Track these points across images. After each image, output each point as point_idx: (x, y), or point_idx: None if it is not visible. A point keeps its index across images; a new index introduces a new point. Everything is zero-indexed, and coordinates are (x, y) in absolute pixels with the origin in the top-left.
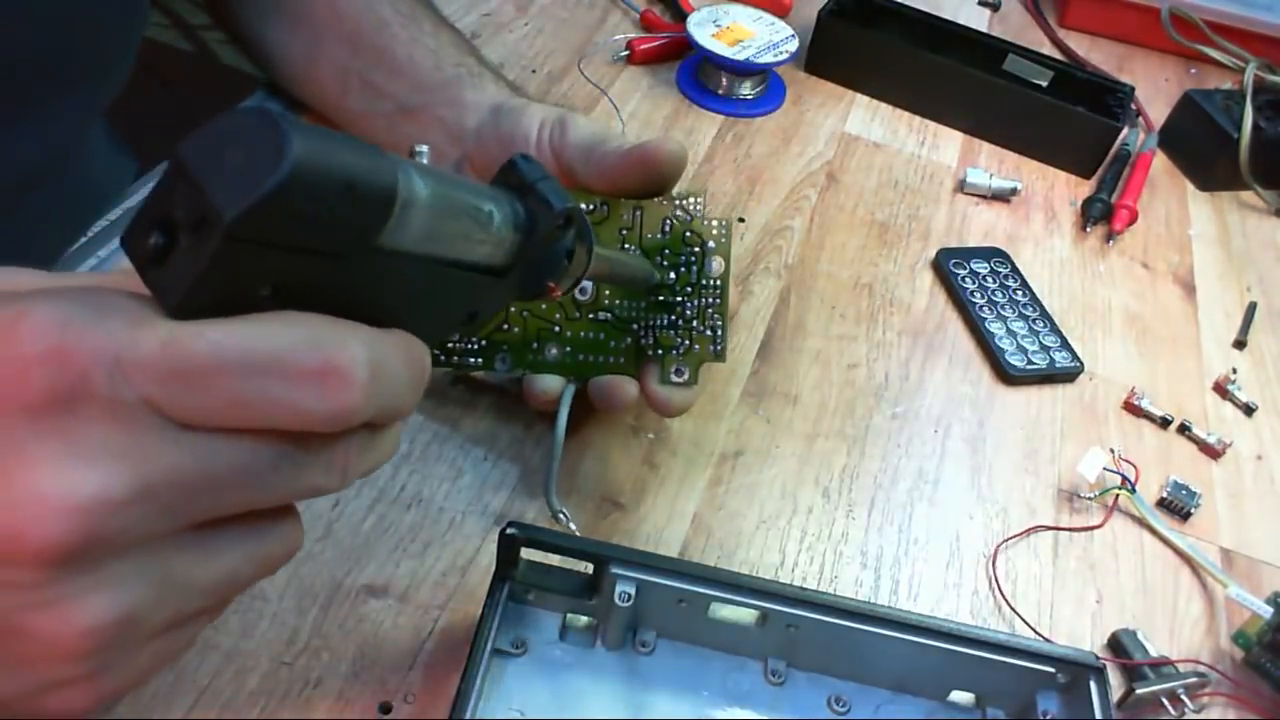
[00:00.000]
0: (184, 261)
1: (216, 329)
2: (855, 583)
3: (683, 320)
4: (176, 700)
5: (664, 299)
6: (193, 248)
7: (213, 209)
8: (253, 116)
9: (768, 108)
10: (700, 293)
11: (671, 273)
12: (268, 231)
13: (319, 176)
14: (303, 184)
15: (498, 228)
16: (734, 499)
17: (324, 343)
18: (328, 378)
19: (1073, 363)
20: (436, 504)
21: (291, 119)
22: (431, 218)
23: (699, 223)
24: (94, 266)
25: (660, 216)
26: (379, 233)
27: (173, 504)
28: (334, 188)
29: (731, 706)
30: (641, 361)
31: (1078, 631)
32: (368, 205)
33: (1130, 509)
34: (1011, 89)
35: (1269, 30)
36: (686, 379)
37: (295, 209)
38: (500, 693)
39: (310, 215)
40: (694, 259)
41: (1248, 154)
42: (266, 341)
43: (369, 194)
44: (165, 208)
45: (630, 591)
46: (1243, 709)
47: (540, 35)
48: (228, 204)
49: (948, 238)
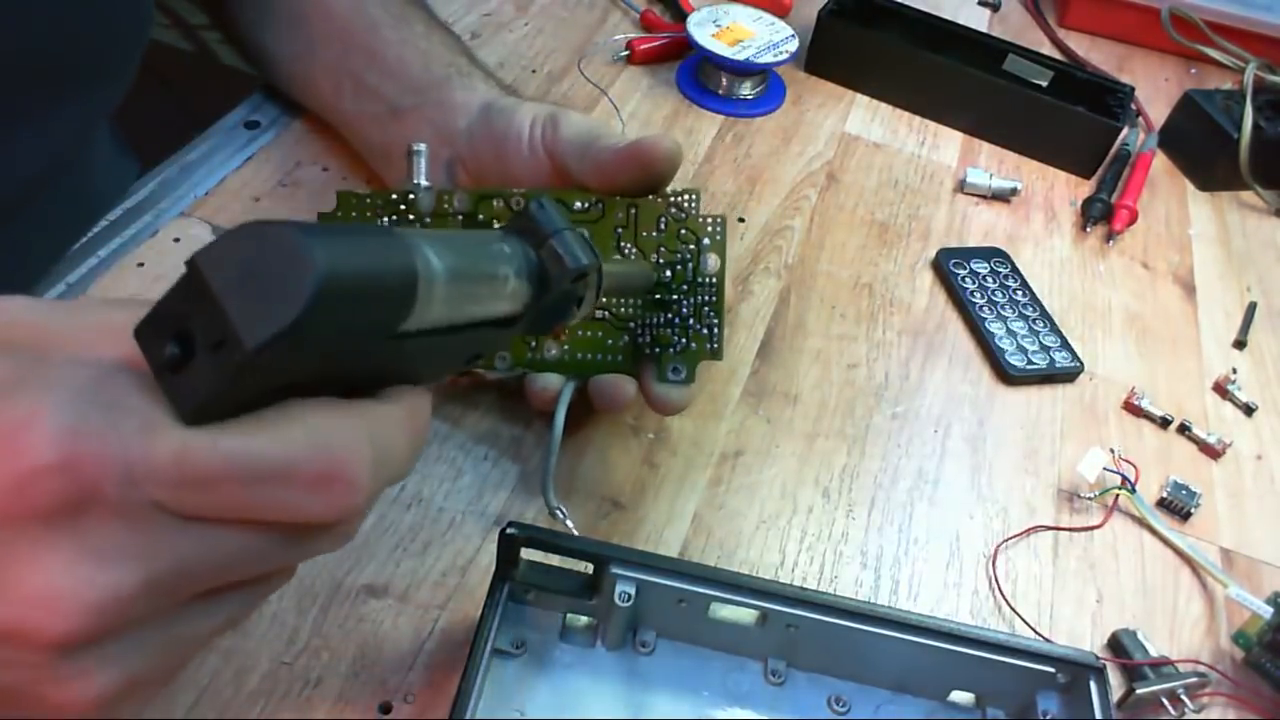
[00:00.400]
0: (201, 376)
1: (228, 439)
2: (855, 583)
3: (679, 319)
4: (177, 700)
5: (660, 297)
6: (211, 366)
7: (234, 336)
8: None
9: (768, 108)
10: (696, 290)
11: (667, 271)
12: (289, 355)
13: (343, 294)
14: (326, 307)
15: (512, 286)
16: (734, 499)
17: (330, 447)
18: (333, 484)
19: (1073, 363)
20: (436, 504)
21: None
22: (448, 295)
23: (694, 220)
24: (94, 266)
25: (655, 214)
26: (400, 325)
27: (178, 588)
28: (357, 301)
29: (731, 706)
30: (639, 360)
31: (1078, 631)
32: (390, 306)
33: (1130, 509)
34: (1011, 89)
35: (1269, 30)
36: (684, 377)
37: (319, 331)
38: (500, 693)
39: (333, 331)
40: (689, 257)
41: (1248, 154)
42: (275, 450)
43: (391, 295)
44: (183, 318)
45: (630, 591)
46: (1243, 709)
47: (540, 35)
48: (249, 334)
49: (948, 238)
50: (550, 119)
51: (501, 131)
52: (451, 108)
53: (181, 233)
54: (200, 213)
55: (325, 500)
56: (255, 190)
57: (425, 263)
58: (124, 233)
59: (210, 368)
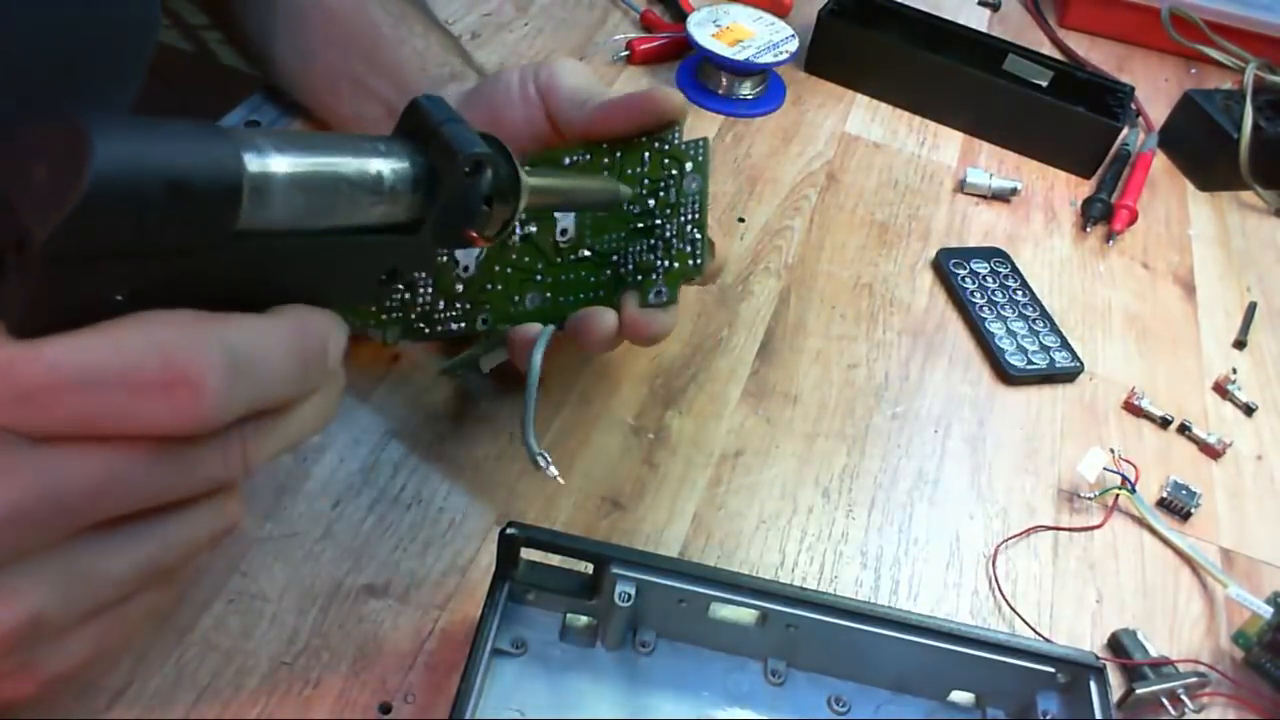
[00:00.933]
0: (15, 282)
1: (55, 346)
2: (855, 583)
3: (661, 241)
4: (177, 700)
5: (644, 225)
6: (20, 268)
7: (26, 231)
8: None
9: (768, 108)
10: (679, 211)
11: (650, 199)
12: (92, 245)
13: (133, 181)
14: (114, 193)
15: (391, 186)
16: (734, 499)
17: (171, 350)
18: (174, 388)
19: (1073, 363)
20: (436, 504)
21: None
22: (299, 194)
23: (675, 148)
24: None
25: (640, 152)
26: (231, 224)
27: (49, 517)
28: (156, 189)
29: (731, 706)
30: (620, 290)
31: (1078, 631)
32: (207, 200)
33: (1130, 509)
34: (1011, 89)
35: (1269, 30)
36: (666, 298)
37: (114, 219)
38: (500, 693)
39: (135, 221)
40: (672, 181)
41: (1248, 154)
42: (107, 356)
43: (205, 188)
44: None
45: (630, 591)
46: (1243, 709)
47: (540, 35)
48: (38, 226)
49: (948, 238)
50: (542, 68)
51: (489, 97)
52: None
53: None
54: None
55: (171, 406)
56: None
57: (261, 160)
58: None
59: (18, 271)
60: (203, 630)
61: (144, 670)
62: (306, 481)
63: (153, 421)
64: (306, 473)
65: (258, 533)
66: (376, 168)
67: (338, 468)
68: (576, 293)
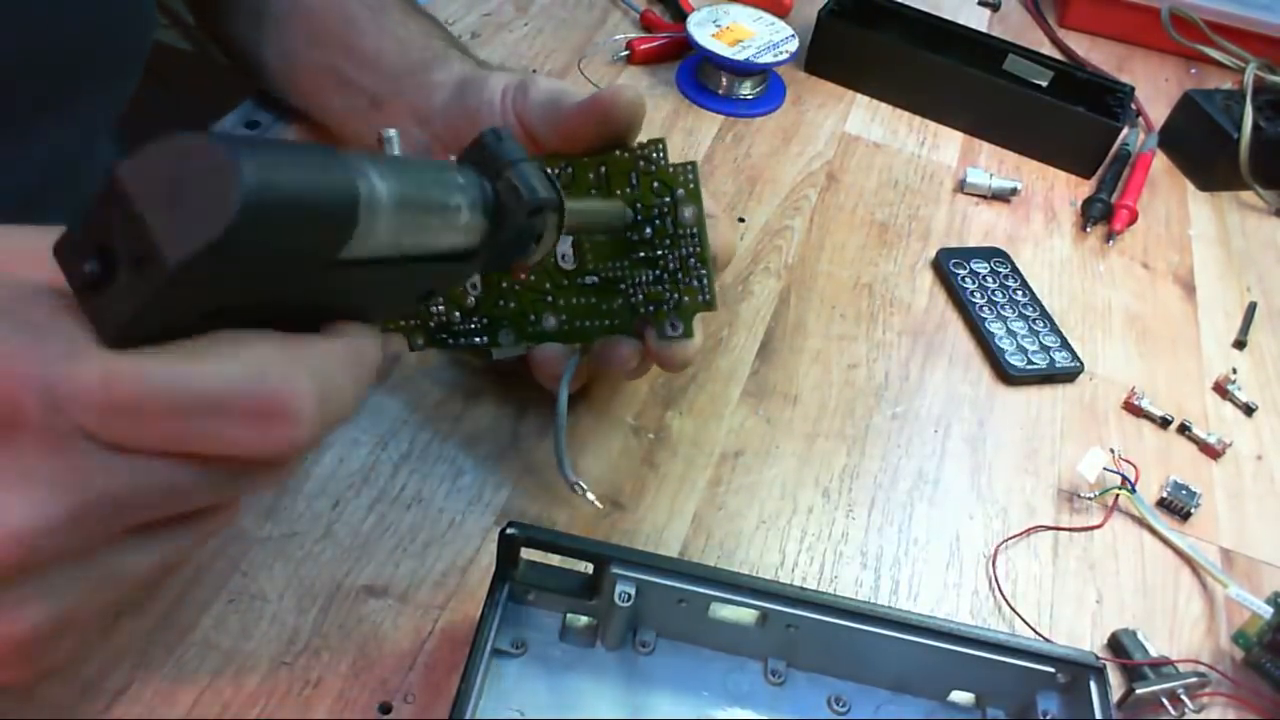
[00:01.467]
0: (123, 295)
1: (155, 364)
2: (855, 583)
3: (666, 273)
4: (177, 700)
5: (645, 255)
6: (133, 283)
7: (156, 251)
8: (200, 141)
9: (768, 108)
10: (678, 243)
11: (647, 227)
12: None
13: (274, 210)
14: (255, 222)
15: (466, 218)
16: (734, 499)
17: (269, 378)
18: (271, 418)
19: (1073, 363)
20: (436, 504)
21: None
22: (395, 222)
23: (664, 171)
24: None
25: (625, 169)
26: (340, 249)
27: (107, 521)
28: (291, 218)
29: (731, 706)
30: (638, 320)
31: (1078, 631)
32: (328, 227)
33: (1130, 509)
34: (1011, 89)
35: (1269, 30)
36: (682, 331)
37: (247, 248)
38: (500, 693)
39: (264, 250)
40: (667, 209)
41: (1248, 154)
42: (208, 380)
43: (329, 216)
44: (103, 233)
45: (630, 591)
46: (1243, 709)
47: (540, 35)
48: (172, 249)
49: (948, 238)
50: (519, 86)
51: (474, 105)
52: (429, 89)
53: None
54: None
55: (265, 435)
56: None
57: (369, 186)
58: None
59: (132, 286)
60: (203, 630)
61: (144, 670)
62: (306, 481)
63: (242, 447)
64: (306, 473)
65: (258, 533)
66: (457, 200)
67: (338, 468)
68: (592, 317)
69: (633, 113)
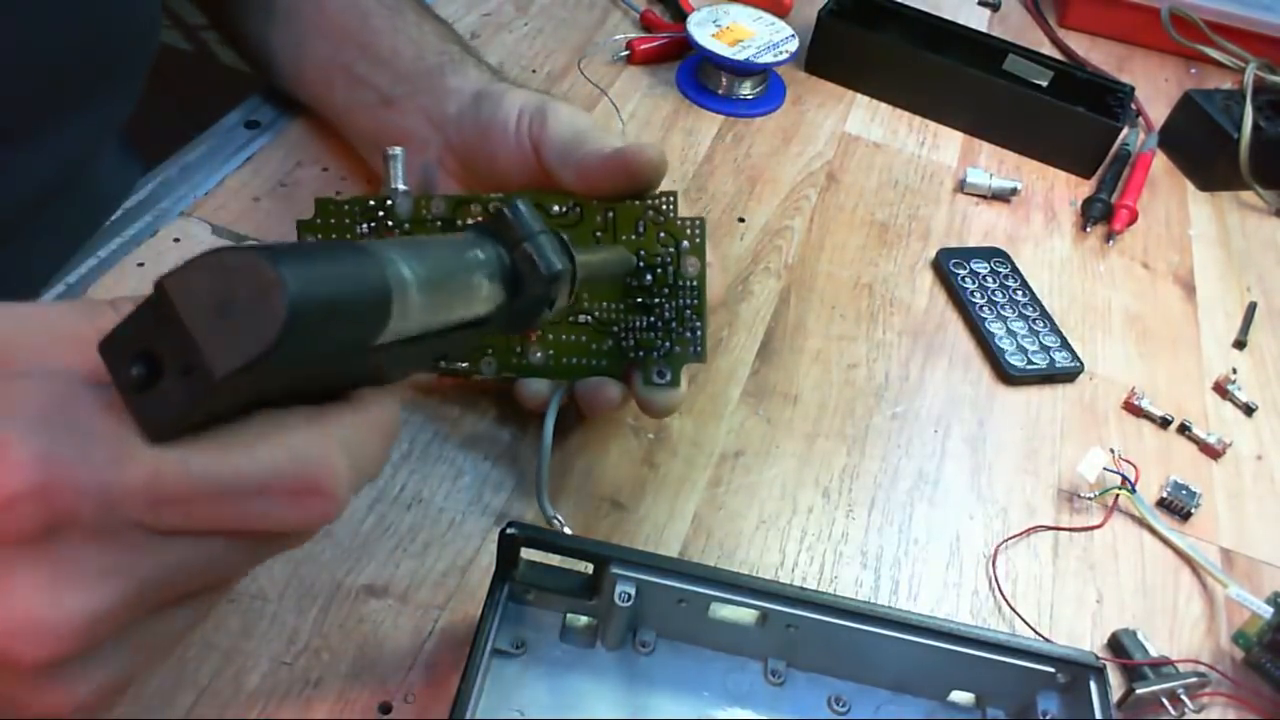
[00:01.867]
0: (169, 398)
1: (201, 456)
2: (855, 583)
3: (661, 322)
4: (177, 700)
5: (642, 301)
6: (179, 389)
7: (202, 363)
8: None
9: (768, 108)
10: (677, 294)
11: (648, 275)
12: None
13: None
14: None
15: (486, 291)
16: (734, 499)
17: (307, 458)
18: (308, 496)
19: (1073, 363)
20: (436, 504)
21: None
22: (423, 305)
23: (672, 223)
24: (94, 266)
25: (634, 217)
26: (374, 340)
27: (159, 598)
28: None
29: (731, 706)
30: (625, 363)
31: (1078, 631)
32: (365, 324)
33: (1130, 509)
34: (1011, 89)
35: (1269, 30)
36: (669, 380)
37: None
38: (500, 693)
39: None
40: (670, 260)
41: (1248, 154)
42: (250, 466)
43: (366, 313)
44: (149, 339)
45: (630, 591)
46: (1243, 709)
47: (540, 35)
48: (218, 362)
49: (948, 238)
50: (539, 112)
51: (488, 120)
52: (444, 93)
53: (182, 233)
54: (200, 213)
55: (304, 511)
56: (255, 190)
57: (398, 277)
58: (124, 233)
59: (178, 391)
60: (203, 630)
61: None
62: None
63: (284, 523)
64: None
65: None
66: (479, 278)
67: None
68: (577, 356)
69: (654, 172)
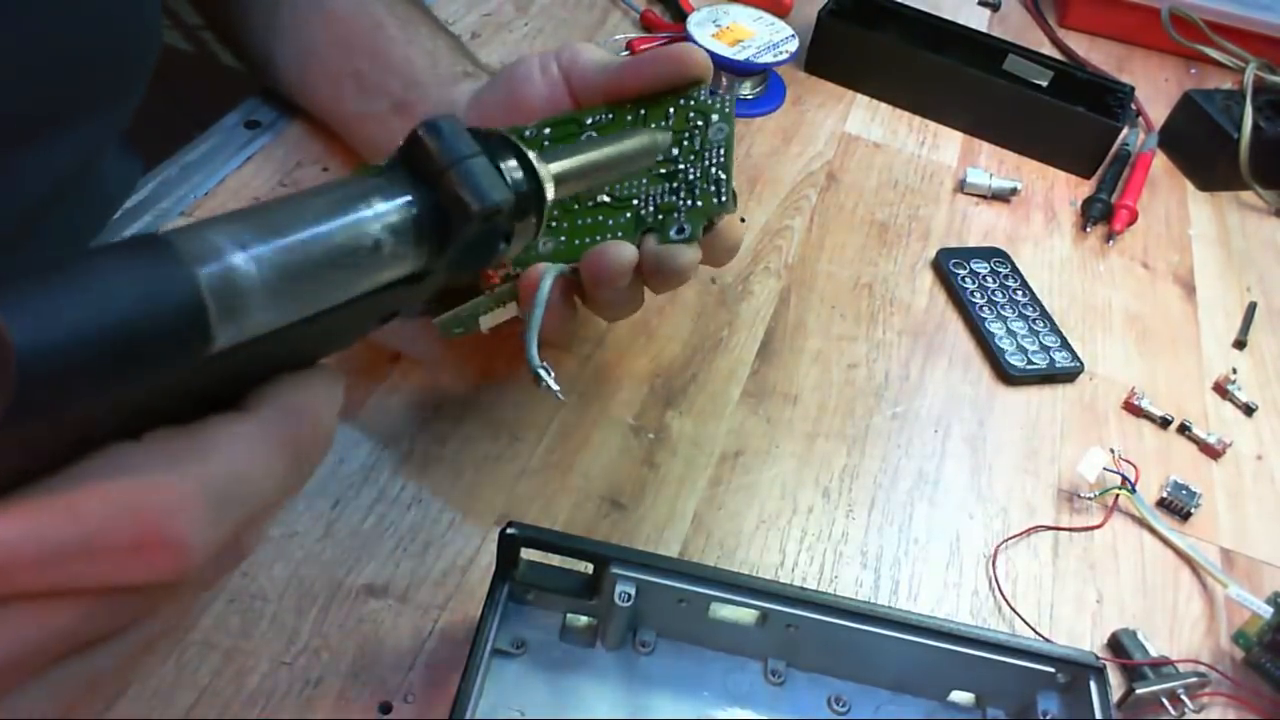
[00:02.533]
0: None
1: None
2: (855, 583)
3: (684, 184)
4: (176, 700)
5: (666, 170)
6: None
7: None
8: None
9: (768, 108)
10: (702, 156)
11: (674, 149)
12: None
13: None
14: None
15: (391, 251)
16: (734, 499)
17: (140, 511)
18: (149, 550)
19: (1073, 363)
20: (436, 504)
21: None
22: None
23: (702, 103)
24: None
25: (665, 107)
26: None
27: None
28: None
29: (731, 706)
30: (641, 232)
31: (1078, 631)
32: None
33: (1130, 509)
34: (1011, 89)
35: (1269, 30)
36: (688, 234)
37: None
38: (500, 693)
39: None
40: (697, 131)
41: (1248, 154)
42: (67, 528)
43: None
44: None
45: (630, 591)
46: (1243, 709)
47: (540, 35)
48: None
49: (948, 238)
50: (564, 49)
51: (508, 85)
52: (458, 97)
53: None
54: (200, 213)
55: (149, 566)
56: (255, 190)
57: (224, 272)
58: (124, 233)
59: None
60: (203, 630)
61: (144, 670)
62: None
63: (128, 579)
64: None
65: None
66: (373, 233)
67: (337, 468)
68: (593, 235)
69: (703, 69)
